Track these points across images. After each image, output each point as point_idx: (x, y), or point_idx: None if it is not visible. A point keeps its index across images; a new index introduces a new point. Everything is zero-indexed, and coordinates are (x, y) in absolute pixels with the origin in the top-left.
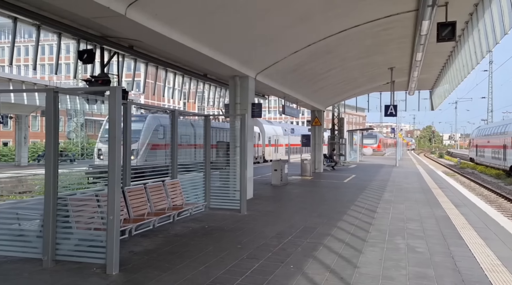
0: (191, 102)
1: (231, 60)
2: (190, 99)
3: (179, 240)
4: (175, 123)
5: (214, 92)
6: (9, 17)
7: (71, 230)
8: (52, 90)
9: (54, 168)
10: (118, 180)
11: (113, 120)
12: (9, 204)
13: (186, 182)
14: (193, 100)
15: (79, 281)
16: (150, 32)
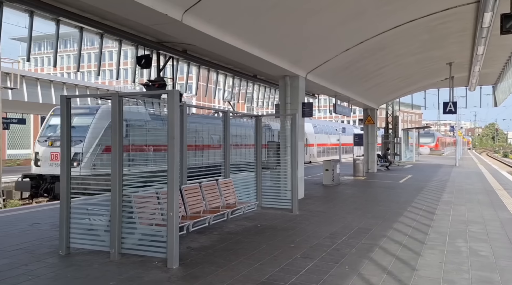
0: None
1: (281, 61)
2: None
3: (233, 238)
4: (227, 124)
5: (263, 93)
6: (76, 27)
7: (135, 225)
8: (117, 94)
9: (119, 168)
10: (177, 178)
11: (171, 121)
12: (80, 200)
13: (238, 181)
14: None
15: (143, 273)
16: (204, 36)
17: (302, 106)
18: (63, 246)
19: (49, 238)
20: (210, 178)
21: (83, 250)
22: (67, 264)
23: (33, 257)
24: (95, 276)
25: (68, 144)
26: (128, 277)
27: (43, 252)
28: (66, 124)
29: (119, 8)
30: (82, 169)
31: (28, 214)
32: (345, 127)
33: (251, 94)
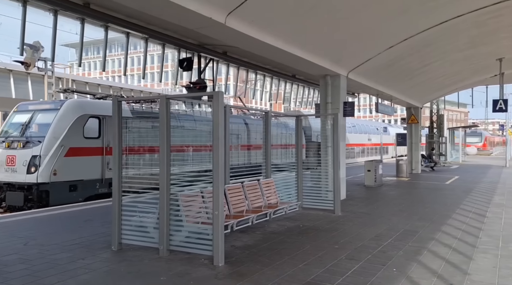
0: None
1: (322, 60)
2: (278, 100)
3: (276, 237)
4: (269, 124)
5: (302, 93)
6: (123, 32)
7: (182, 223)
8: (165, 97)
9: (167, 167)
10: (222, 178)
11: (216, 122)
12: (130, 198)
13: (278, 181)
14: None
15: (190, 270)
16: (246, 37)
17: (344, 105)
18: (115, 242)
19: (102, 234)
20: (251, 178)
21: (133, 246)
22: (120, 259)
23: (89, 252)
24: (146, 271)
25: (120, 146)
26: (177, 273)
27: (97, 247)
28: (118, 126)
29: (165, 13)
30: (39, 176)
31: (81, 211)
32: (386, 127)
33: (289, 94)
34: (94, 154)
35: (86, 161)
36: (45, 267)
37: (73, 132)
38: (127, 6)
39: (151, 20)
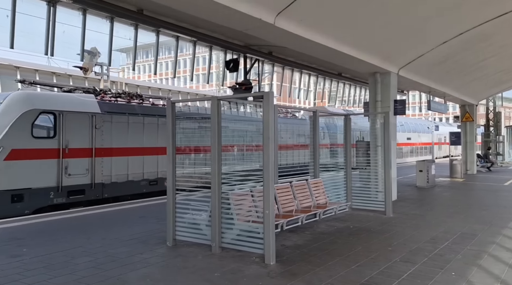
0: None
1: (372, 57)
2: (322, 99)
3: (326, 238)
4: (316, 124)
5: (348, 91)
6: (172, 36)
7: (233, 221)
8: (216, 98)
9: (218, 166)
10: (272, 177)
11: (266, 122)
12: (183, 196)
13: (327, 181)
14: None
15: (243, 267)
16: (294, 37)
17: (394, 103)
18: (170, 238)
19: (156, 230)
20: (298, 178)
21: (186, 242)
22: (175, 255)
23: (146, 247)
24: (201, 267)
25: (174, 146)
26: (230, 270)
27: (153, 243)
28: (172, 127)
29: (216, 16)
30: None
31: (135, 208)
32: (438, 125)
33: (334, 93)
34: (47, 157)
35: (36, 165)
36: (108, 260)
37: (16, 131)
38: (178, 11)
39: (200, 24)
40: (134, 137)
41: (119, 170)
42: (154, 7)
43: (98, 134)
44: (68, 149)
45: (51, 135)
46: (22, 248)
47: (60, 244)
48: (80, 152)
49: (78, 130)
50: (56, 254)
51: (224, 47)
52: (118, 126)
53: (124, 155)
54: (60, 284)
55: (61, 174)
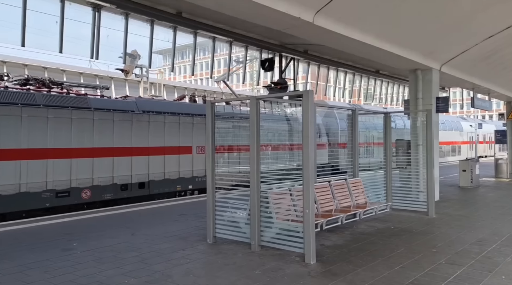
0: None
1: (413, 53)
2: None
3: (367, 238)
4: (355, 122)
5: (386, 88)
6: (209, 37)
7: (272, 220)
8: (255, 98)
9: (257, 165)
10: (312, 176)
11: (307, 120)
12: (222, 194)
13: (365, 181)
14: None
15: (283, 266)
16: (333, 35)
17: (436, 101)
18: (210, 235)
19: (196, 228)
20: (336, 177)
21: (226, 240)
22: (216, 252)
23: (187, 243)
24: (241, 264)
25: (213, 145)
26: (271, 268)
27: (193, 240)
28: (211, 126)
29: (254, 16)
30: None
31: (174, 206)
32: (481, 123)
33: (371, 91)
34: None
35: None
36: (152, 255)
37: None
38: (216, 12)
39: (236, 24)
40: (32, 136)
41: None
42: (193, 9)
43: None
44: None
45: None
46: (72, 242)
47: (107, 239)
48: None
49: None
50: (104, 248)
51: (260, 47)
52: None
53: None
54: (109, 277)
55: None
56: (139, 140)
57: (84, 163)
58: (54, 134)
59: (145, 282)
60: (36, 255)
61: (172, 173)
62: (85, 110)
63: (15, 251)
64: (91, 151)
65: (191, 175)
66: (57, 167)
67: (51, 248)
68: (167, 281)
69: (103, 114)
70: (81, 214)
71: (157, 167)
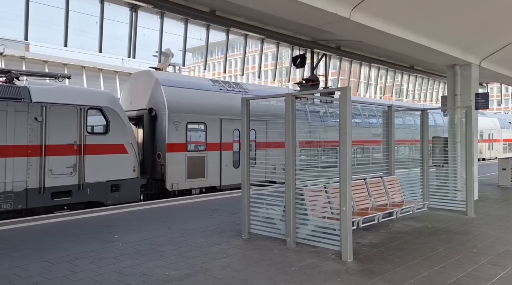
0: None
1: (451, 48)
2: (388, 93)
3: (403, 237)
4: (391, 119)
5: (420, 84)
6: (241, 35)
7: (307, 217)
8: (290, 94)
9: (292, 162)
10: (349, 173)
11: (344, 117)
12: (256, 190)
13: (401, 179)
14: (389, 94)
15: (320, 263)
16: (370, 30)
17: (476, 97)
18: (245, 231)
19: (230, 223)
20: (370, 175)
21: (260, 236)
22: (251, 247)
23: (222, 238)
24: (278, 261)
25: (248, 142)
26: (307, 265)
27: (229, 235)
28: (246, 123)
29: (290, 13)
30: None
31: (206, 202)
32: None
33: (402, 87)
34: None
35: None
36: (189, 249)
37: None
38: (250, 9)
39: (268, 21)
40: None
41: None
42: (226, 7)
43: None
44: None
45: None
46: (113, 235)
47: (145, 233)
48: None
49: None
50: (143, 241)
51: (291, 43)
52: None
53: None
54: (151, 269)
55: None
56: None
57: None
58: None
59: (185, 275)
60: (81, 246)
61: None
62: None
63: (61, 242)
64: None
65: None
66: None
67: (94, 240)
68: (206, 274)
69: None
70: (118, 208)
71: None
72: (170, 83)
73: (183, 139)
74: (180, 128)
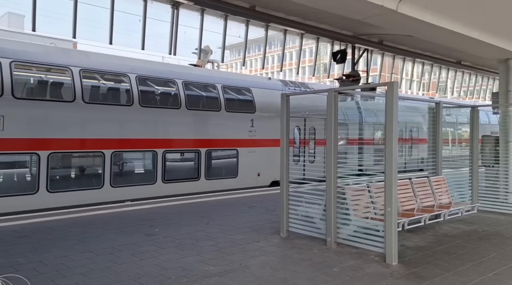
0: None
1: (504, 41)
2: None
3: (452, 241)
4: (439, 116)
5: (467, 81)
6: (280, 30)
7: (349, 217)
8: (333, 90)
9: (334, 160)
10: (395, 172)
11: (390, 114)
12: (294, 188)
13: (449, 179)
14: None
15: (363, 265)
16: (418, 23)
17: None
18: (284, 229)
19: (267, 220)
20: (412, 174)
21: (299, 234)
22: (290, 246)
23: (260, 236)
24: (318, 261)
25: (288, 139)
26: (350, 266)
27: (266, 233)
28: (286, 119)
29: (334, 6)
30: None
31: (242, 198)
32: None
33: (448, 83)
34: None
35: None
36: (228, 245)
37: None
38: (290, 3)
39: (308, 15)
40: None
41: None
42: (266, 2)
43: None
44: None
45: None
46: (154, 228)
47: (184, 227)
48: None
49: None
50: (183, 235)
51: (332, 38)
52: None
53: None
54: (191, 263)
55: None
56: None
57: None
58: None
59: (224, 271)
60: (123, 238)
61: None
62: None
63: (105, 233)
64: None
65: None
66: None
67: (136, 233)
68: (245, 271)
69: None
70: (158, 202)
71: None
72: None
73: None
74: None
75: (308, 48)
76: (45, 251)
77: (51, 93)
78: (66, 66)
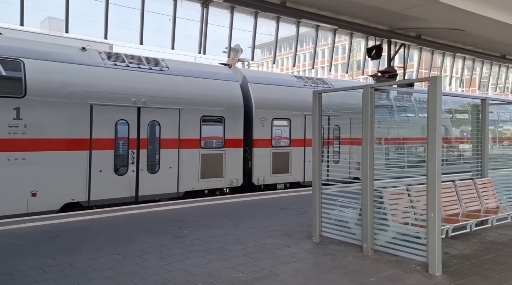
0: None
1: None
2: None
3: (501, 249)
4: (486, 112)
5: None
6: (313, 26)
7: (387, 222)
8: (369, 86)
9: (370, 161)
10: (438, 174)
11: (433, 111)
12: (327, 191)
13: (496, 181)
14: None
15: (403, 275)
16: (462, 13)
17: None
18: (316, 234)
19: (299, 223)
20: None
21: (333, 239)
22: (323, 252)
23: (291, 240)
24: (354, 269)
25: (320, 138)
26: (388, 276)
27: (298, 237)
28: (318, 118)
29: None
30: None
31: (274, 199)
32: None
33: (489, 79)
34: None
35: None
36: (257, 249)
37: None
38: None
39: (341, 10)
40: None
41: None
42: None
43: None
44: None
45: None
46: (182, 230)
47: (213, 229)
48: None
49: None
50: (211, 238)
51: (366, 33)
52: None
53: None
54: (218, 269)
55: None
56: None
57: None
58: None
59: (253, 279)
60: (152, 240)
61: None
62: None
63: (134, 235)
64: None
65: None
66: None
67: (164, 234)
68: (275, 279)
69: None
70: (189, 202)
71: None
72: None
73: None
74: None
75: (340, 45)
76: (75, 252)
77: None
78: None
